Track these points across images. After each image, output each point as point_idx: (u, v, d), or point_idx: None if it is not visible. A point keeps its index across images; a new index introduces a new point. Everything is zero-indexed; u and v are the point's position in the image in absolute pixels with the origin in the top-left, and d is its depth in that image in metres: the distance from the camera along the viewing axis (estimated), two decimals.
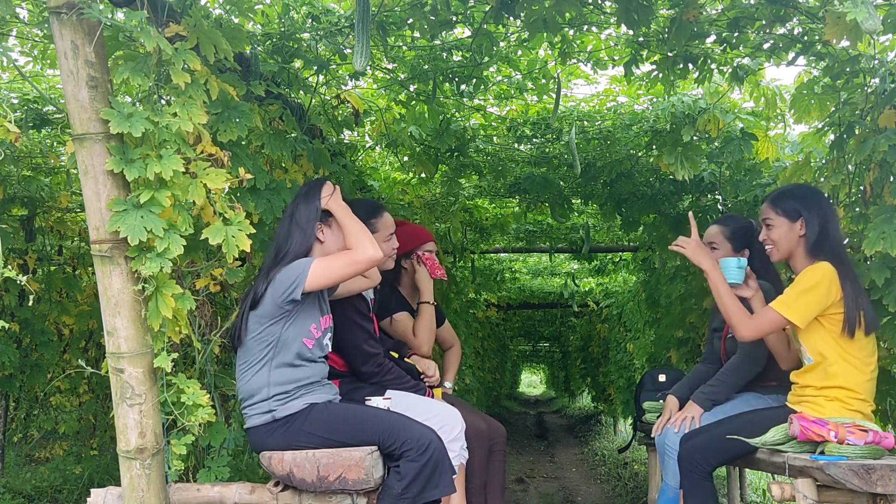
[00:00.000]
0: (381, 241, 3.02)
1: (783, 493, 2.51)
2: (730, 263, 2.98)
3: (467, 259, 7.15)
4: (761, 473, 5.96)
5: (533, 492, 6.57)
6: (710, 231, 3.38)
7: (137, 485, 2.23)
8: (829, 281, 2.66)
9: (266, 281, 2.43)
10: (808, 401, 2.74)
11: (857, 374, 2.68)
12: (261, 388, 2.42)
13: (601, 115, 4.44)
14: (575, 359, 15.36)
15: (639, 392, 4.34)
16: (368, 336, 2.91)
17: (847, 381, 2.68)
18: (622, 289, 9.20)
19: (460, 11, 3.20)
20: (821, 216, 2.78)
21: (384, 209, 3.14)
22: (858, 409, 2.68)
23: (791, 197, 2.86)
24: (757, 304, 2.93)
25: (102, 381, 5.18)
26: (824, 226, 2.77)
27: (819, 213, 2.78)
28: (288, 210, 2.63)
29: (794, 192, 2.89)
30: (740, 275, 2.97)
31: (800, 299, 2.66)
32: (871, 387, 2.73)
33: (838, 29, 2.52)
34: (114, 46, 2.38)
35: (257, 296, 2.43)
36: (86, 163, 2.18)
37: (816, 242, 2.77)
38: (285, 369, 2.42)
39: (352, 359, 2.91)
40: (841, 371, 2.68)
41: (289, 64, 3.24)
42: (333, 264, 2.43)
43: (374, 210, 3.10)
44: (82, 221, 5.24)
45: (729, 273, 2.97)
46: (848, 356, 2.68)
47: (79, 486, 5.00)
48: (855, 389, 2.67)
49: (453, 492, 2.39)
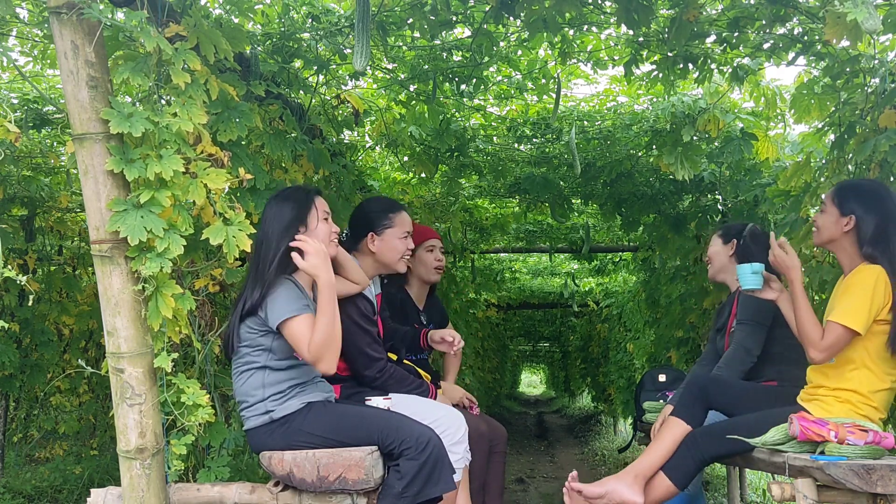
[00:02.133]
0: (395, 238, 2.96)
1: (783, 493, 2.50)
2: (743, 270, 2.90)
3: (467, 259, 7.15)
4: (761, 473, 5.96)
5: (533, 492, 6.57)
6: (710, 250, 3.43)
7: (137, 485, 2.23)
8: (883, 285, 2.58)
9: (261, 293, 2.38)
10: (818, 399, 2.71)
11: (876, 383, 2.64)
12: (256, 390, 2.41)
13: (601, 115, 4.45)
14: (575, 359, 15.36)
15: (639, 392, 4.34)
16: (372, 339, 2.84)
17: (862, 386, 2.63)
18: (622, 289, 9.20)
19: (460, 11, 3.20)
20: (881, 219, 2.66)
21: (403, 208, 3.05)
22: (867, 414, 2.63)
23: (853, 190, 2.75)
24: (784, 305, 2.82)
25: (102, 381, 5.17)
26: (883, 229, 2.65)
27: (879, 215, 2.67)
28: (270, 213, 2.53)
29: (859, 187, 2.78)
30: (757, 280, 2.90)
31: (861, 306, 2.56)
32: (887, 398, 2.67)
33: (838, 29, 2.52)
34: (114, 46, 2.38)
35: (253, 306, 2.39)
36: (86, 163, 2.18)
37: (871, 243, 2.66)
38: (279, 372, 2.42)
39: (354, 363, 2.84)
40: (859, 377, 2.64)
41: (289, 64, 3.24)
42: (295, 335, 2.33)
43: (392, 205, 3.03)
44: (82, 221, 5.24)
45: (745, 280, 2.89)
46: (872, 365, 2.63)
47: (79, 486, 5.00)
48: (869, 396, 2.64)
49: (453, 489, 2.38)
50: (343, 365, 2.89)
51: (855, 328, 2.55)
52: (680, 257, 5.37)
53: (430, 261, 3.46)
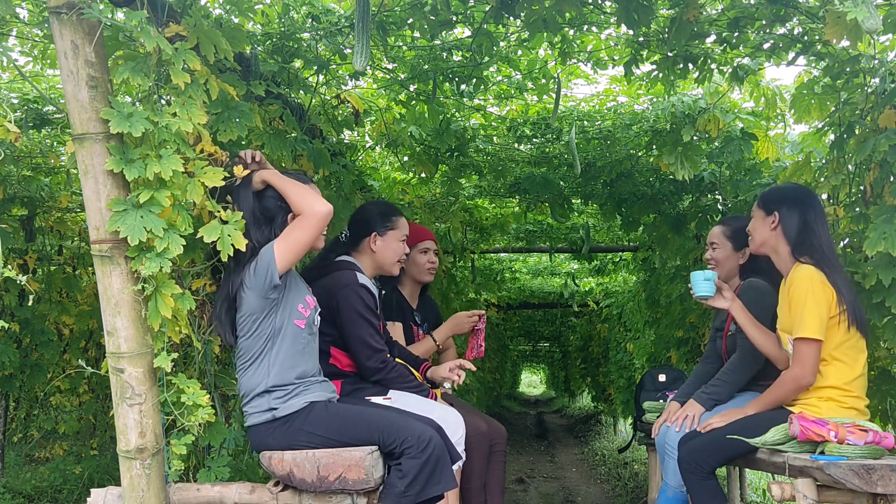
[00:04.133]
0: (395, 240, 3.08)
1: (783, 493, 2.51)
2: (696, 277, 3.00)
3: (467, 259, 7.15)
4: (761, 473, 5.96)
5: (533, 492, 6.57)
6: (712, 231, 3.39)
7: (137, 485, 2.23)
8: (819, 283, 2.68)
9: (238, 279, 2.40)
10: (802, 402, 2.75)
11: (847, 372, 2.70)
12: (260, 383, 2.41)
13: (601, 114, 4.45)
14: (575, 359, 15.37)
15: (639, 392, 4.35)
16: (374, 331, 2.85)
17: (838, 379, 2.70)
18: (622, 289, 9.20)
19: (460, 11, 3.20)
20: (802, 214, 2.81)
21: (401, 214, 3.19)
22: (853, 405, 2.69)
23: (774, 192, 2.94)
24: (739, 314, 2.97)
25: (102, 381, 5.18)
26: (808, 224, 2.79)
27: (800, 211, 2.81)
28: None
29: (779, 189, 2.98)
30: (709, 287, 2.99)
31: (818, 314, 2.66)
32: (863, 383, 2.74)
33: (838, 29, 2.52)
34: (114, 46, 2.38)
35: (231, 294, 2.40)
36: (86, 163, 2.17)
37: (798, 238, 2.80)
38: (283, 362, 2.42)
39: (356, 354, 2.85)
40: (830, 370, 2.70)
41: (289, 64, 3.24)
42: (292, 235, 2.39)
43: (394, 210, 3.17)
44: (82, 221, 5.24)
45: (697, 286, 3.00)
46: (839, 353, 2.70)
47: (79, 486, 5.00)
48: (846, 388, 2.69)
49: (455, 486, 2.39)
50: (346, 361, 2.90)
51: (819, 338, 2.67)
52: (680, 257, 5.37)
53: (423, 262, 3.52)
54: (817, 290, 2.66)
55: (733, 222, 3.36)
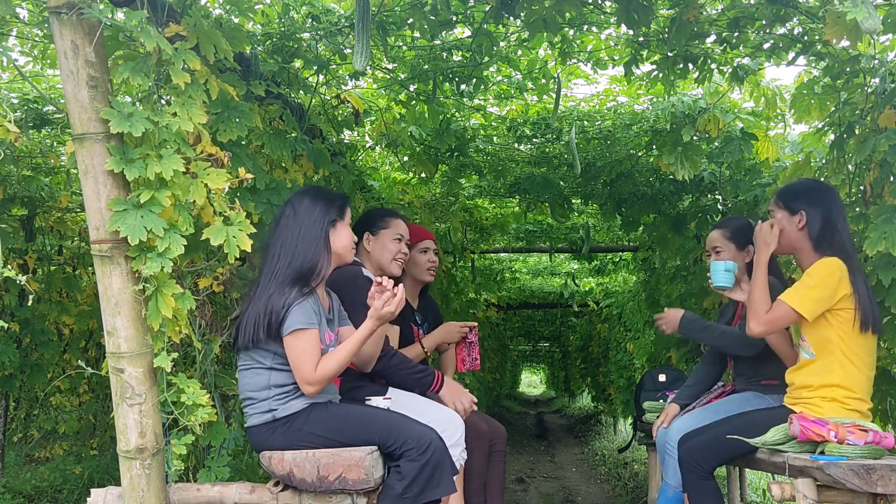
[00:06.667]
0: (388, 239, 3.13)
1: (783, 493, 2.51)
2: (717, 267, 3.00)
3: (467, 259, 7.15)
4: (761, 473, 5.96)
5: (533, 492, 6.57)
6: (711, 236, 3.38)
7: (137, 485, 2.23)
8: (838, 276, 2.65)
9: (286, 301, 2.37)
10: (804, 402, 2.73)
11: (855, 373, 2.68)
12: (262, 388, 2.41)
13: (601, 115, 4.44)
14: (575, 359, 15.36)
15: (639, 392, 4.35)
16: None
17: (844, 379, 2.67)
18: (622, 289, 9.19)
19: (460, 11, 3.20)
20: (825, 211, 2.76)
21: (402, 217, 3.24)
22: (857, 408, 2.67)
23: (794, 191, 2.87)
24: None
25: (102, 381, 5.18)
26: (830, 221, 2.75)
27: (823, 208, 2.76)
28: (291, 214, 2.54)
29: (799, 187, 2.91)
30: (728, 278, 2.99)
31: (810, 293, 2.65)
32: (869, 386, 2.72)
33: (838, 29, 2.52)
34: (114, 46, 2.38)
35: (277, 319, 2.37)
36: (86, 163, 2.18)
37: (821, 237, 2.76)
38: (285, 373, 2.42)
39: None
40: (840, 368, 2.67)
41: (289, 64, 3.24)
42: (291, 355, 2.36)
43: (390, 212, 3.24)
44: (82, 221, 5.24)
45: (717, 276, 2.99)
46: (851, 354, 2.67)
47: (79, 486, 5.00)
48: (852, 389, 2.67)
49: (454, 491, 2.38)
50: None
51: (800, 311, 2.65)
52: (680, 257, 5.37)
53: (422, 262, 3.52)
54: (835, 278, 2.64)
55: (730, 223, 3.36)
